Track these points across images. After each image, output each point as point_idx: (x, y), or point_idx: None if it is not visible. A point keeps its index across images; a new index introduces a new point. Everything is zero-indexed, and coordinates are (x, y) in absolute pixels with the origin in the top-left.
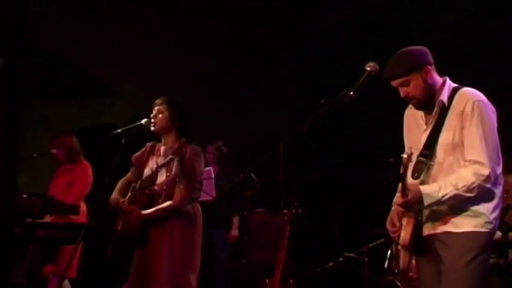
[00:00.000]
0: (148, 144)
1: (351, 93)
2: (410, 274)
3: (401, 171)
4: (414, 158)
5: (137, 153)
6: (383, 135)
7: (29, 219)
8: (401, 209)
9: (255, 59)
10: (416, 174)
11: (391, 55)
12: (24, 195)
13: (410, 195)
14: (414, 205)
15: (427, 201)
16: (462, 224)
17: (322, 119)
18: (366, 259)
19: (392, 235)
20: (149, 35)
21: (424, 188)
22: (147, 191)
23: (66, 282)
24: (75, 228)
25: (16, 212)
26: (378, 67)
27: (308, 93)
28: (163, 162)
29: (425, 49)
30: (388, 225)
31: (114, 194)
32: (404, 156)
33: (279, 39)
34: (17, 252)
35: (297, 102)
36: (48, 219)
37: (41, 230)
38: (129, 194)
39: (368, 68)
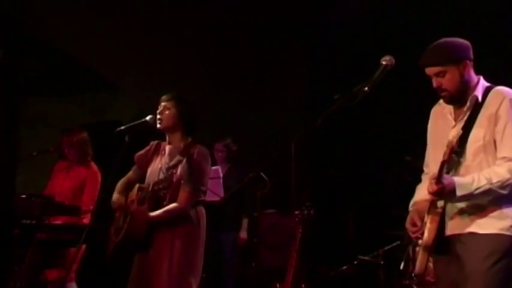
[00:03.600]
0: (153, 142)
1: (366, 88)
2: (428, 278)
3: (443, 158)
4: (436, 153)
5: (141, 152)
6: (399, 133)
7: (28, 221)
8: (423, 208)
9: (265, 53)
10: (446, 170)
11: (407, 48)
12: (23, 196)
13: (446, 181)
14: (447, 194)
15: (460, 192)
16: (486, 226)
17: (335, 115)
18: (382, 262)
19: (412, 235)
20: (154, 28)
21: (457, 179)
22: (161, 194)
23: (74, 286)
24: (76, 230)
25: (14, 213)
26: (393, 61)
27: (321, 88)
28: (173, 163)
29: (469, 44)
30: (408, 225)
31: (115, 195)
32: (452, 140)
33: (290, 33)
34: (15, 255)
35: (310, 97)
36: (58, 221)
37: (41, 231)
38: (138, 193)
39: (384, 62)
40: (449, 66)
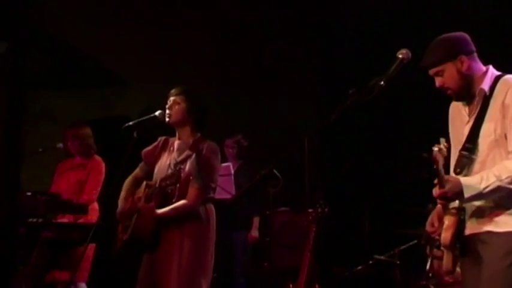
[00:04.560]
0: (161, 138)
1: (382, 82)
2: (446, 279)
3: (434, 167)
4: (456, 152)
5: (148, 148)
6: (416, 128)
7: (33, 219)
8: (442, 208)
9: (278, 47)
10: (458, 170)
11: (424, 41)
12: (28, 193)
13: (448, 186)
14: (453, 197)
15: (467, 193)
16: (505, 224)
17: (350, 110)
18: (398, 262)
19: (432, 236)
20: (163, 21)
21: (464, 180)
22: (169, 190)
23: (83, 286)
24: (83, 228)
25: (19, 212)
26: (410, 54)
27: (335, 82)
28: (181, 158)
29: (464, 36)
30: (427, 226)
31: (122, 194)
32: (435, 149)
33: (303, 27)
34: (20, 255)
35: (323, 92)
36: (64, 219)
37: (47, 230)
38: (145, 191)
39: (400, 56)
40: (445, 64)
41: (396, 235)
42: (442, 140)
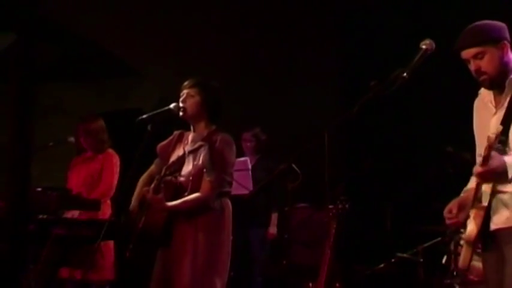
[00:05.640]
0: (176, 132)
1: (405, 74)
2: (471, 277)
3: (486, 151)
4: (482, 145)
5: (163, 142)
6: (441, 121)
7: (43, 216)
8: (470, 198)
9: (297, 36)
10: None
11: (448, 32)
12: (39, 189)
13: (493, 163)
14: (496, 176)
15: None
16: None
17: (372, 103)
18: (421, 260)
19: (447, 222)
20: (178, 10)
21: (509, 159)
22: (174, 179)
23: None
24: (96, 225)
25: (29, 208)
26: (434, 45)
27: (356, 74)
28: (194, 147)
29: (504, 25)
30: (445, 212)
31: (137, 191)
32: (492, 135)
33: (323, 16)
34: (30, 253)
35: (344, 84)
36: (75, 215)
37: (58, 227)
38: (154, 182)
39: (423, 46)
40: (488, 47)
41: (419, 232)
42: (500, 127)
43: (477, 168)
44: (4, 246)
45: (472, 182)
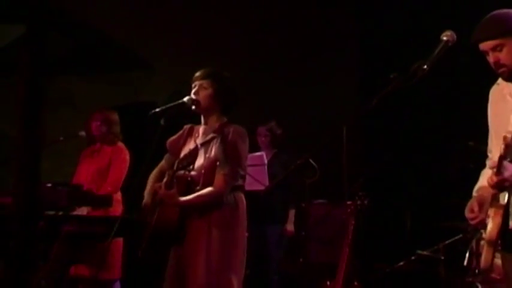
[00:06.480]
0: (186, 126)
1: (425, 66)
2: (493, 275)
3: (501, 152)
4: (497, 139)
5: (173, 137)
6: (462, 115)
7: (54, 212)
8: (487, 195)
9: (315, 27)
10: (509, 159)
11: (470, 23)
12: (49, 185)
13: (507, 173)
14: (510, 185)
15: None
16: None
17: (391, 96)
18: (442, 258)
19: (471, 222)
20: (192, 2)
21: None
22: (186, 174)
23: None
24: (107, 222)
25: (39, 204)
26: (455, 37)
27: (375, 66)
28: (205, 140)
29: None
30: (466, 212)
31: (148, 187)
32: (508, 136)
33: (341, 7)
34: (39, 250)
35: (363, 76)
36: (84, 211)
37: (68, 224)
38: (166, 177)
39: (445, 38)
40: (507, 39)
41: (440, 229)
42: None
43: (492, 178)
44: (13, 244)
45: (483, 180)
